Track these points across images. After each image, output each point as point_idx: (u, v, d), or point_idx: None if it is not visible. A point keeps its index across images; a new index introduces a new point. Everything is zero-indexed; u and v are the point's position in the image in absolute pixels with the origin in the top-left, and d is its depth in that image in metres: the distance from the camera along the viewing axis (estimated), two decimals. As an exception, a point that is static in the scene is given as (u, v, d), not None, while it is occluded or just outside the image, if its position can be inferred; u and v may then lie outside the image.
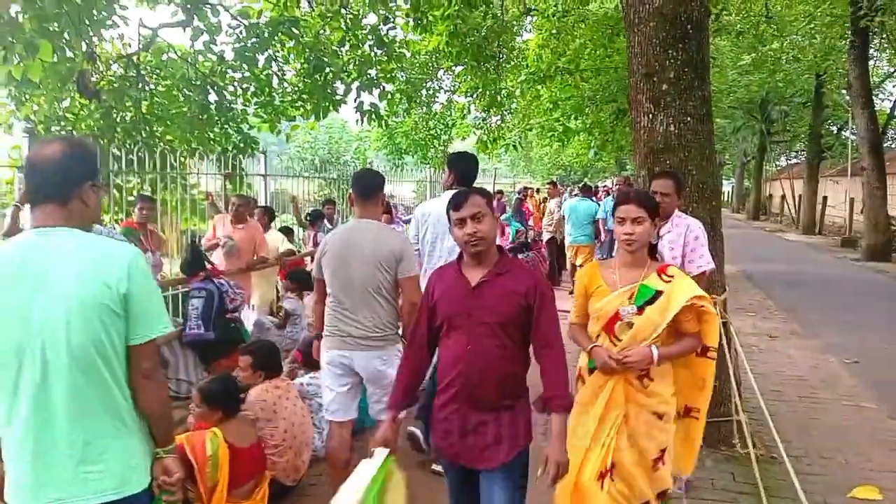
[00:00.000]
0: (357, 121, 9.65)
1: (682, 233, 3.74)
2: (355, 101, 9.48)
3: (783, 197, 32.46)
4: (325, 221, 8.70)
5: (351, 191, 3.54)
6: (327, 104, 9.65)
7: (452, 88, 16.26)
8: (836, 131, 27.87)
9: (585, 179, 29.44)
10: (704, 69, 4.50)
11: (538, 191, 20.87)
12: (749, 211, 36.46)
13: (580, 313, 2.99)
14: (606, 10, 11.88)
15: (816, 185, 25.42)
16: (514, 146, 13.28)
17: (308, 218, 8.52)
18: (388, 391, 2.91)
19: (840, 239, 21.04)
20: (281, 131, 10.07)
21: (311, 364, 4.28)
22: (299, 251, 7.97)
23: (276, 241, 7.06)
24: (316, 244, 7.64)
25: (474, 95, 12.67)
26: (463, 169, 4.17)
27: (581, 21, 12.06)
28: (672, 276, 2.81)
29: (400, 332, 3.47)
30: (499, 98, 12.56)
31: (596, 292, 2.88)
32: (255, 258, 6.30)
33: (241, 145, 9.70)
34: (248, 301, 6.33)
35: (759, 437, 4.48)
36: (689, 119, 4.41)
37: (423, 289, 2.84)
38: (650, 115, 4.47)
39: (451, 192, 3.14)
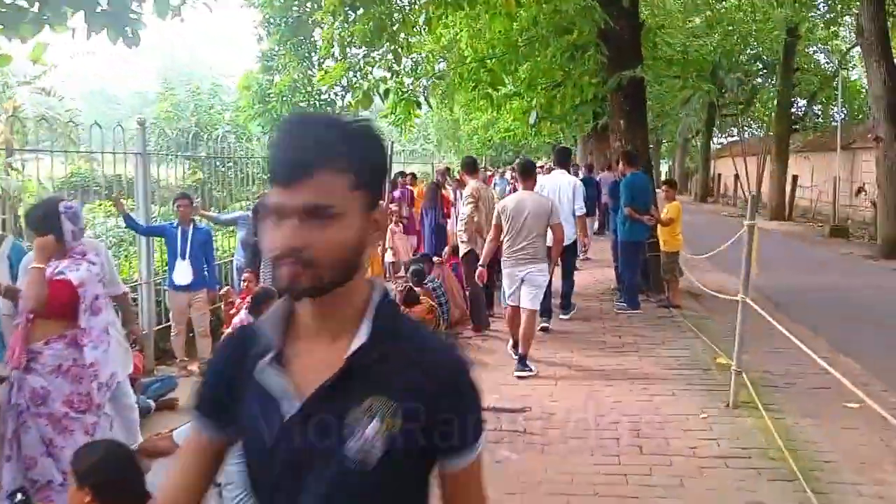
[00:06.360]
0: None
1: None
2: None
3: (736, 176, 28.93)
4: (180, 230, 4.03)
5: (517, 172, 6.70)
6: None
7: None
8: (807, 101, 24.44)
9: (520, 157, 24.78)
10: None
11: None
12: (696, 193, 32.99)
13: None
14: None
15: (786, 163, 21.91)
16: (416, 102, 8.63)
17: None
18: (537, 290, 5.92)
19: (828, 227, 17.37)
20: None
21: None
22: None
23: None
24: None
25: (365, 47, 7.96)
26: (560, 157, 8.26)
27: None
28: None
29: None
30: (391, 28, 7.97)
31: None
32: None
33: None
34: None
35: None
36: None
37: None
38: None
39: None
